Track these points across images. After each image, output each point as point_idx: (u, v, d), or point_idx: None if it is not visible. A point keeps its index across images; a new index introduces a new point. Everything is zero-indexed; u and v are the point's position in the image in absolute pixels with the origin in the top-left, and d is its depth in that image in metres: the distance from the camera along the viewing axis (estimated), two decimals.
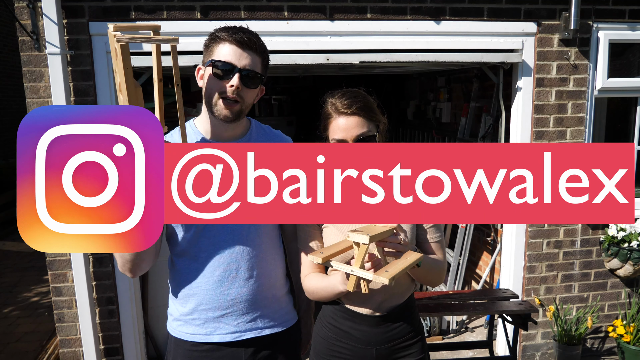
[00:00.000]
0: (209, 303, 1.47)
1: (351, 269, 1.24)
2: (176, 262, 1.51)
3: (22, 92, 2.77)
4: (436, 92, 5.08)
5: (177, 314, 1.52)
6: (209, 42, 1.41)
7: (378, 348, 1.47)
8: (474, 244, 4.19)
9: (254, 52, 1.38)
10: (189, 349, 1.49)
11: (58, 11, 2.53)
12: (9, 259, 5.74)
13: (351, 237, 1.25)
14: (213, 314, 1.47)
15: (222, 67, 1.36)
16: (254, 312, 1.50)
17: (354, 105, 1.40)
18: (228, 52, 1.36)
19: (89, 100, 2.72)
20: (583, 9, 3.00)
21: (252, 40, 1.38)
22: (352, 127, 1.39)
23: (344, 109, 1.40)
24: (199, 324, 1.48)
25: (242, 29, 1.39)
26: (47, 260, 2.82)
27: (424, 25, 2.91)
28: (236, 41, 1.36)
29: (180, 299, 1.51)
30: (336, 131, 1.41)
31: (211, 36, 1.41)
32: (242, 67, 1.36)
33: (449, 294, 3.01)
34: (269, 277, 1.52)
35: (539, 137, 3.15)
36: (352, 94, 1.44)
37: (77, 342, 2.90)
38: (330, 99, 1.45)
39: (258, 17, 2.77)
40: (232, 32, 1.37)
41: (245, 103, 1.41)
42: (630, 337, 3.23)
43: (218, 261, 1.45)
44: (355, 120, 1.39)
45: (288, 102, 7.48)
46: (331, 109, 1.43)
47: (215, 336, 1.47)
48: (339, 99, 1.42)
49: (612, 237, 3.24)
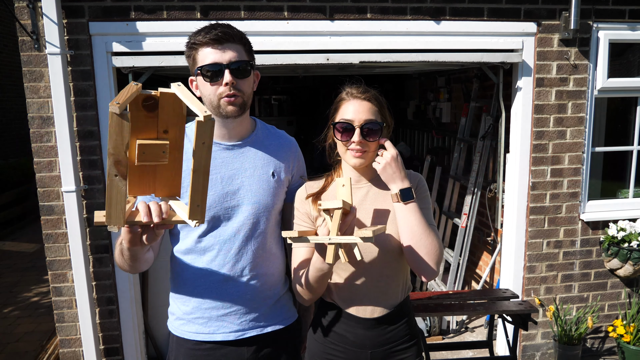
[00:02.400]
0: (212, 302, 1.47)
1: (329, 238, 1.23)
2: (180, 261, 1.51)
3: (22, 92, 2.78)
4: (436, 92, 5.08)
5: (179, 313, 1.52)
6: (189, 52, 1.41)
7: (373, 351, 1.46)
8: (474, 244, 4.19)
9: (233, 42, 1.38)
10: (191, 347, 1.49)
11: (58, 11, 2.53)
12: (9, 259, 5.74)
13: (324, 205, 1.25)
14: (217, 312, 1.47)
15: (210, 70, 1.36)
16: (257, 310, 1.51)
17: (368, 92, 1.43)
18: (209, 54, 1.36)
19: (88, 100, 2.72)
20: (583, 9, 3.00)
21: (226, 32, 1.36)
22: (363, 111, 1.40)
23: (358, 94, 1.42)
24: (202, 323, 1.48)
25: (213, 26, 1.38)
26: (47, 260, 2.82)
27: (424, 25, 2.91)
28: (213, 40, 1.35)
29: (182, 298, 1.51)
30: (346, 112, 1.41)
31: (188, 45, 1.40)
32: (228, 62, 1.35)
33: (449, 294, 3.01)
34: (272, 275, 1.53)
35: (539, 137, 3.15)
36: (367, 86, 1.47)
37: (77, 342, 2.90)
38: (347, 87, 1.47)
39: (258, 17, 2.77)
40: (205, 33, 1.36)
41: (246, 94, 1.41)
42: (630, 337, 3.23)
43: (224, 260, 1.46)
44: (366, 106, 1.41)
45: (288, 102, 7.49)
46: (346, 94, 1.45)
47: (218, 335, 1.48)
48: (356, 87, 1.45)
49: (612, 237, 3.24)
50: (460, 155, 4.30)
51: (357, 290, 1.45)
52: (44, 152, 2.71)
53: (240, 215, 1.46)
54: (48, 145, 2.71)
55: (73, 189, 2.67)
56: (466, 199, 3.86)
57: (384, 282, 1.45)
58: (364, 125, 1.38)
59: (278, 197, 1.54)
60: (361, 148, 1.40)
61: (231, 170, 1.47)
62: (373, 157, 1.44)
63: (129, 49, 2.70)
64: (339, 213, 1.22)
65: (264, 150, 1.53)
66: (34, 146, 2.71)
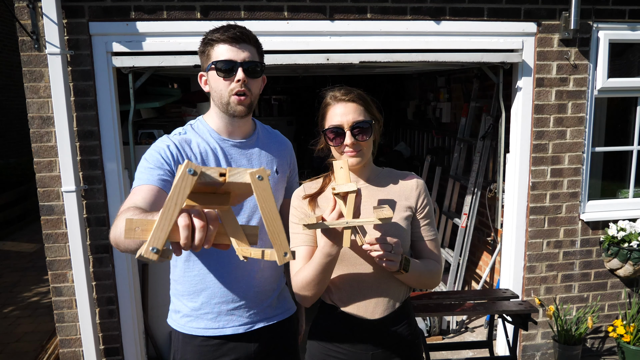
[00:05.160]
0: (222, 296, 1.51)
1: (346, 222, 1.23)
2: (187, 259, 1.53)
3: (22, 92, 2.78)
4: (436, 92, 5.08)
5: (186, 310, 1.54)
6: (204, 48, 1.45)
7: (374, 353, 1.46)
8: (474, 244, 4.19)
9: (249, 43, 1.44)
10: (199, 344, 1.51)
11: (58, 11, 2.53)
12: (9, 259, 5.74)
13: (337, 189, 1.25)
14: (226, 307, 1.51)
15: (225, 67, 1.40)
16: (265, 302, 1.57)
17: (352, 93, 1.43)
18: (225, 50, 1.40)
19: (88, 100, 2.72)
20: (583, 9, 3.00)
21: (244, 33, 1.43)
22: (350, 113, 1.40)
23: (343, 97, 1.43)
24: (212, 318, 1.51)
25: (230, 26, 1.43)
26: (47, 260, 2.82)
27: (424, 25, 2.91)
28: (230, 38, 1.40)
29: (190, 295, 1.53)
30: (333, 117, 1.42)
31: (204, 41, 1.45)
32: (242, 60, 1.41)
33: (449, 294, 3.01)
34: (276, 269, 1.60)
35: (539, 137, 3.15)
36: (349, 87, 1.47)
37: (77, 342, 2.91)
38: (330, 91, 1.48)
39: (258, 17, 2.77)
40: (223, 31, 1.41)
41: (254, 94, 1.47)
42: (630, 337, 3.23)
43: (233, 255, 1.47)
44: (353, 107, 1.41)
45: (288, 102, 7.49)
46: (330, 98, 1.45)
47: (228, 329, 1.52)
48: (338, 90, 1.46)
49: (612, 237, 3.24)
50: (460, 155, 4.30)
51: (358, 291, 1.45)
52: (44, 152, 2.71)
53: (248, 211, 1.51)
54: (48, 145, 2.71)
55: (73, 189, 2.67)
56: (466, 199, 3.86)
57: (385, 283, 1.45)
58: (354, 126, 1.39)
59: (281, 192, 1.63)
60: (355, 149, 1.41)
61: (239, 166, 1.51)
62: (368, 153, 1.46)
63: (129, 49, 2.70)
64: (353, 197, 1.23)
65: (266, 148, 1.59)
66: (34, 146, 2.71)
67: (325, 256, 1.32)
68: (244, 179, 0.84)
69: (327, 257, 1.32)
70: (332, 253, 1.31)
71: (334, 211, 1.26)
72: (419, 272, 1.44)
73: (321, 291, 1.44)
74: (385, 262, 1.32)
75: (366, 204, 1.46)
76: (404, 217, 1.47)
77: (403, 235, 1.45)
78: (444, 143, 5.09)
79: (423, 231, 1.51)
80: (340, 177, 1.30)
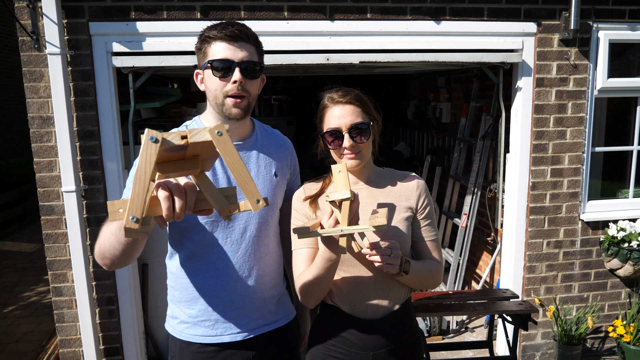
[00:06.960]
0: (220, 303, 1.46)
1: (340, 229, 1.22)
2: (184, 265, 1.49)
3: (22, 92, 2.78)
4: (436, 92, 5.08)
5: (183, 317, 1.50)
6: (201, 45, 1.39)
7: (375, 353, 1.45)
8: (474, 244, 4.19)
9: (247, 42, 1.37)
10: (196, 350, 1.47)
11: (58, 11, 2.53)
12: (9, 259, 5.74)
13: (332, 196, 1.24)
14: (225, 314, 1.46)
15: (221, 66, 1.34)
16: (264, 308, 1.51)
17: (349, 95, 1.42)
18: (222, 49, 1.34)
19: (88, 100, 2.72)
20: (583, 9, 3.00)
21: (242, 31, 1.36)
22: (347, 115, 1.39)
23: (340, 99, 1.41)
24: (209, 325, 1.47)
25: (229, 23, 1.37)
26: (47, 260, 2.82)
27: (424, 25, 2.91)
28: (227, 36, 1.34)
29: (187, 301, 1.49)
30: (331, 120, 1.41)
31: (201, 38, 1.38)
32: (239, 60, 1.34)
33: (449, 294, 3.01)
34: (275, 273, 1.55)
35: (539, 137, 3.15)
36: (347, 88, 1.46)
37: (77, 342, 2.91)
38: (327, 93, 1.46)
39: (258, 17, 2.77)
40: (220, 28, 1.35)
41: (251, 96, 1.40)
42: (630, 337, 3.23)
43: (231, 262, 1.45)
44: (350, 109, 1.40)
45: (288, 102, 7.48)
46: (327, 100, 1.44)
47: (226, 336, 1.47)
48: (336, 92, 1.44)
49: (612, 237, 3.24)
50: (460, 155, 4.30)
51: (359, 292, 1.45)
52: (44, 152, 2.71)
53: (246, 216, 1.46)
54: (48, 145, 2.71)
55: (73, 189, 2.67)
56: (466, 199, 3.86)
57: (386, 284, 1.45)
58: (352, 128, 1.38)
59: (280, 196, 1.56)
60: (354, 151, 1.40)
61: None
62: (368, 155, 1.45)
63: (129, 49, 2.70)
64: (347, 204, 1.22)
65: (265, 151, 1.53)
66: (34, 146, 2.71)
67: (326, 261, 1.32)
68: (204, 137, 0.87)
69: (327, 262, 1.32)
70: (332, 258, 1.31)
71: (330, 219, 1.25)
72: (419, 273, 1.44)
73: (324, 293, 1.44)
74: (385, 266, 1.32)
75: (366, 205, 1.46)
76: (404, 218, 1.47)
77: (403, 236, 1.45)
78: (444, 143, 5.09)
79: (424, 232, 1.51)
80: (339, 181, 1.28)
